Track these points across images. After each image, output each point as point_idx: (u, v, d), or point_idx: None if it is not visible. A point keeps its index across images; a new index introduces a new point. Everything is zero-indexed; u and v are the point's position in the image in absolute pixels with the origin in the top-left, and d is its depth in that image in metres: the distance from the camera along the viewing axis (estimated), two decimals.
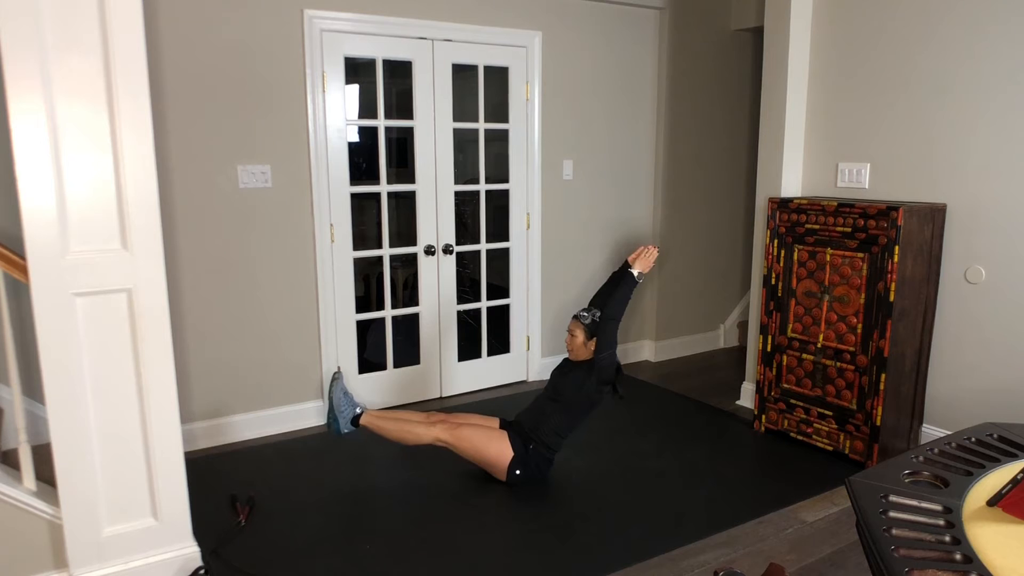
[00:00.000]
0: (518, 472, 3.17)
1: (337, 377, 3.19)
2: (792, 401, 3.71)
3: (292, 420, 3.89)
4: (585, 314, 3.27)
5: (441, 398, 4.40)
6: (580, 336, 3.25)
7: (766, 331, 3.79)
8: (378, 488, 3.24)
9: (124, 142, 2.20)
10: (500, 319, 4.64)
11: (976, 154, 3.29)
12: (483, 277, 4.56)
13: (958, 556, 1.42)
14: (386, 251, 4.14)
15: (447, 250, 4.28)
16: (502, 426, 3.30)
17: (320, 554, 2.71)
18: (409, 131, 4.11)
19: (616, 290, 3.25)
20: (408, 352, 4.32)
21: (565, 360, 3.41)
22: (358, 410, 3.15)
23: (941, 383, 3.51)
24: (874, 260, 3.30)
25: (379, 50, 3.89)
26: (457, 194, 4.29)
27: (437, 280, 4.29)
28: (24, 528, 2.31)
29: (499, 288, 4.63)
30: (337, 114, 3.79)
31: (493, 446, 3.17)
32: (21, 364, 2.45)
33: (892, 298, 3.24)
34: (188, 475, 2.49)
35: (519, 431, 3.23)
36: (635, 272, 3.25)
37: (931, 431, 3.56)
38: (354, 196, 3.94)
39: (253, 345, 3.74)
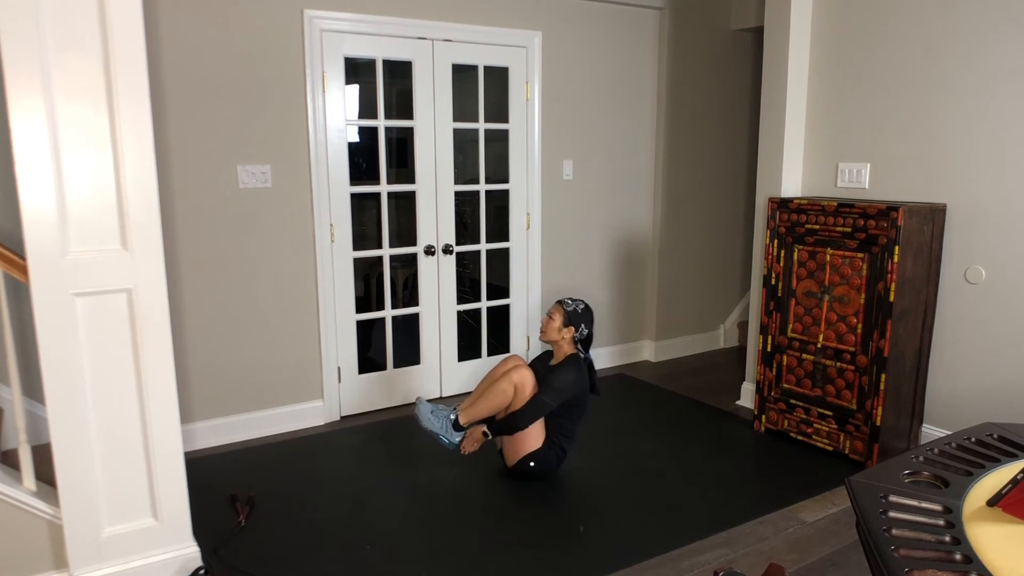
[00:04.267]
0: (532, 464, 3.18)
1: (417, 404, 3.20)
2: (792, 401, 3.71)
3: (292, 420, 3.89)
4: (570, 301, 3.29)
5: (441, 398, 4.40)
6: (558, 320, 3.26)
7: (766, 331, 3.79)
8: (378, 488, 3.23)
9: (124, 142, 2.20)
10: (500, 319, 4.64)
11: (976, 154, 3.29)
12: (483, 277, 4.56)
13: (958, 556, 1.41)
14: (386, 251, 4.14)
15: (447, 250, 4.28)
16: None
17: (320, 554, 2.71)
18: (409, 131, 4.11)
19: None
20: (408, 352, 4.32)
21: (541, 361, 3.41)
22: (452, 416, 3.16)
23: (941, 383, 3.51)
24: (874, 260, 3.30)
25: (379, 50, 3.89)
26: (457, 194, 4.29)
27: (437, 280, 4.29)
28: (24, 528, 2.31)
29: (499, 288, 4.63)
30: (337, 114, 3.79)
31: (533, 428, 3.17)
32: (21, 364, 2.45)
33: (892, 298, 3.24)
34: (188, 475, 2.49)
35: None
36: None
37: (931, 431, 3.56)
38: (354, 196, 3.94)
39: (253, 345, 3.74)
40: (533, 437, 3.18)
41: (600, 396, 3.42)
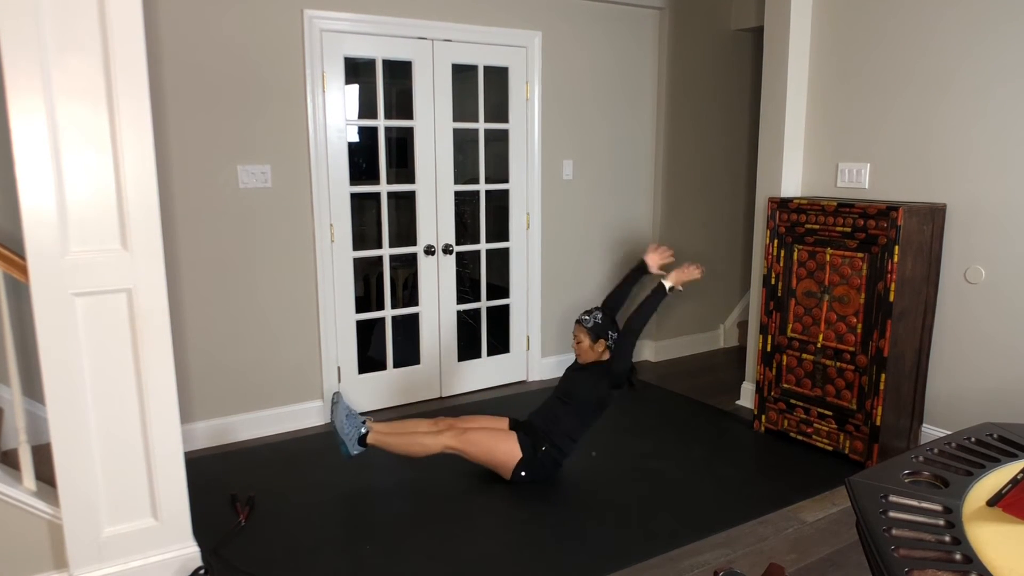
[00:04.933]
0: (523, 473, 3.17)
1: (336, 400, 3.15)
2: (792, 401, 3.71)
3: (292, 420, 3.89)
4: (587, 317, 3.27)
5: (441, 398, 4.40)
6: (586, 340, 3.24)
7: (766, 331, 3.79)
8: (378, 488, 3.23)
9: (124, 142, 2.20)
10: (500, 319, 4.64)
11: (976, 154, 3.29)
12: (483, 277, 4.56)
13: (958, 556, 1.41)
14: (386, 251, 4.14)
15: (447, 250, 4.28)
16: (512, 426, 3.29)
17: (320, 554, 2.71)
18: (409, 131, 4.11)
19: (644, 302, 3.24)
20: (408, 352, 4.32)
21: (576, 361, 3.40)
22: (363, 430, 3.11)
23: (941, 383, 3.51)
24: (874, 260, 3.30)
25: (379, 50, 3.89)
26: (457, 194, 4.29)
27: (437, 280, 4.29)
28: (24, 528, 2.31)
29: (499, 288, 4.63)
30: (337, 114, 3.79)
31: (502, 448, 3.16)
32: (21, 364, 2.45)
33: (892, 298, 3.24)
34: (188, 475, 2.49)
35: (530, 432, 3.23)
36: (667, 285, 3.25)
37: (931, 431, 3.56)
38: (354, 196, 3.94)
39: (253, 345, 3.74)
40: (511, 450, 3.16)
41: (634, 387, 3.43)
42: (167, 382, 2.36)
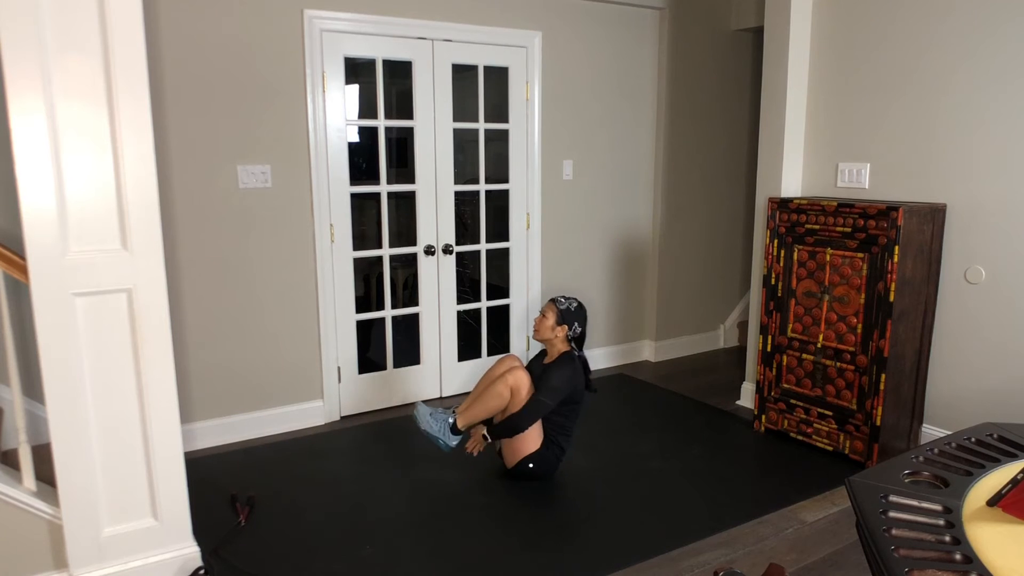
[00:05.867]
0: (531, 466, 3.18)
1: (416, 411, 3.17)
2: (792, 401, 3.71)
3: (292, 420, 3.89)
4: (563, 300, 3.30)
5: (441, 398, 4.40)
6: (551, 318, 3.26)
7: (766, 331, 3.79)
8: (378, 488, 3.23)
9: (124, 142, 2.20)
10: (500, 319, 4.64)
11: (976, 154, 3.29)
12: (483, 277, 4.56)
13: (958, 556, 1.41)
14: (386, 251, 4.14)
15: (447, 250, 4.28)
16: None
17: (320, 554, 2.71)
18: (409, 131, 4.11)
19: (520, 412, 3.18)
20: (408, 352, 4.32)
21: (537, 360, 3.42)
22: (451, 420, 3.15)
23: (941, 383, 3.51)
24: (874, 260, 3.30)
25: (379, 50, 3.89)
26: (457, 194, 4.29)
27: (437, 280, 4.29)
28: (24, 528, 2.31)
29: (499, 288, 4.63)
30: (337, 114, 3.79)
31: (532, 427, 3.17)
32: (21, 364, 2.45)
33: (892, 298, 3.24)
34: (188, 475, 2.49)
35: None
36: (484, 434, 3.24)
37: (931, 431, 3.56)
38: (354, 196, 3.94)
39: (253, 345, 3.74)
40: (532, 438, 3.18)
41: (595, 392, 3.43)
42: (167, 382, 2.36)
